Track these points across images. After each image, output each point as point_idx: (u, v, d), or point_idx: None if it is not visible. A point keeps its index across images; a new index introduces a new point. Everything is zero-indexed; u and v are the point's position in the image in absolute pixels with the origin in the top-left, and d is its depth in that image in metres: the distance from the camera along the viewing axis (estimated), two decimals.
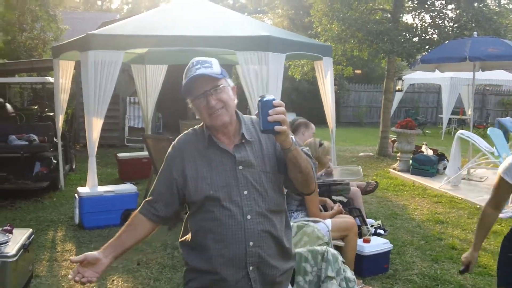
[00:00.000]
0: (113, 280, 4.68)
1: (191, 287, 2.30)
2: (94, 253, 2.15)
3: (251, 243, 2.15)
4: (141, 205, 2.34)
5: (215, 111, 2.15)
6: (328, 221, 4.41)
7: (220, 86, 2.16)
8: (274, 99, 1.99)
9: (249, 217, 2.15)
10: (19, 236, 4.31)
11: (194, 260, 2.26)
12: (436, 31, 12.38)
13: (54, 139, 8.44)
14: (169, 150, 2.34)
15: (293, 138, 2.09)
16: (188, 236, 2.31)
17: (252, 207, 2.16)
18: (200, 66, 2.15)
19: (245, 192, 2.17)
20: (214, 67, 2.17)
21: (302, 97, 20.93)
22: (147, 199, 2.34)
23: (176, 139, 2.36)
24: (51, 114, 11.25)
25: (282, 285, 2.32)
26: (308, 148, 2.35)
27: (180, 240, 2.39)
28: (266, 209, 2.19)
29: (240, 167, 2.19)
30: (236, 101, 2.26)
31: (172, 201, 2.28)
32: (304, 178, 2.17)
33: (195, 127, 2.35)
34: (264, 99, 1.99)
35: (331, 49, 8.36)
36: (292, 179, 2.20)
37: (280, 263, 2.26)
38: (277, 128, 1.96)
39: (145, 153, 8.37)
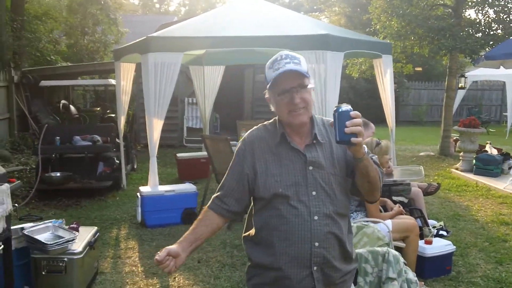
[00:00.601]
0: (174, 278, 4.76)
1: (254, 283, 2.31)
2: (174, 247, 2.17)
3: (316, 244, 2.14)
4: (211, 200, 2.34)
5: (297, 109, 2.14)
6: (388, 222, 4.34)
7: (307, 85, 2.16)
8: (351, 110, 1.97)
9: (316, 217, 2.14)
10: (85, 234, 4.46)
11: (258, 255, 2.26)
12: (501, 26, 11.94)
13: (117, 140, 8.67)
14: (239, 144, 2.34)
15: (365, 148, 2.07)
16: (252, 231, 2.32)
17: (319, 208, 2.15)
18: (290, 61, 2.13)
19: (314, 193, 2.16)
20: (302, 64, 2.15)
21: (359, 95, 20.69)
22: (217, 194, 2.34)
23: (247, 133, 2.36)
24: (113, 115, 11.54)
25: (344, 285, 2.31)
26: (376, 156, 2.34)
27: (243, 235, 2.40)
28: (333, 211, 2.18)
29: (310, 168, 2.18)
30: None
31: (243, 196, 2.28)
32: (372, 187, 2.17)
33: (265, 122, 2.35)
34: (341, 110, 1.97)
35: (391, 46, 8.22)
36: (359, 187, 2.20)
37: (342, 265, 2.25)
38: (353, 140, 1.95)
39: (203, 153, 8.48)
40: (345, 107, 1.98)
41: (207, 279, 4.73)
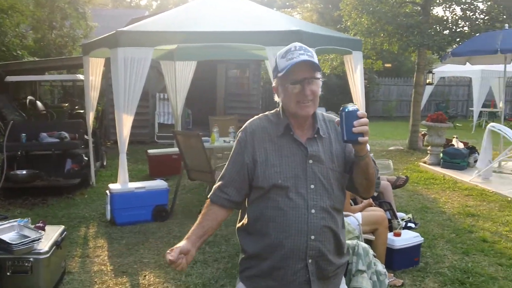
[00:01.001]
0: (145, 276, 4.72)
1: (247, 275, 2.30)
2: (184, 244, 2.15)
3: (312, 237, 2.14)
4: (212, 191, 2.32)
5: (306, 101, 2.15)
6: (358, 215, 4.40)
7: (318, 78, 2.18)
8: (357, 109, 1.99)
9: (313, 211, 2.15)
10: (52, 233, 4.37)
11: (253, 246, 2.25)
12: (467, 23, 12.18)
13: (85, 136, 8.53)
14: (240, 134, 2.31)
15: (368, 146, 2.10)
16: (247, 222, 2.30)
17: (317, 202, 2.16)
18: (304, 53, 2.14)
19: (312, 186, 2.16)
20: (315, 57, 2.17)
21: (331, 91, 20.79)
22: (218, 184, 2.32)
23: (248, 122, 2.34)
24: (82, 111, 11.38)
25: (337, 278, 2.33)
26: (372, 154, 2.35)
27: (237, 226, 2.38)
28: (330, 206, 2.19)
29: (310, 161, 2.18)
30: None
31: (243, 186, 2.27)
32: (369, 184, 2.20)
33: (267, 113, 2.34)
34: (348, 109, 1.99)
35: (361, 43, 8.28)
36: (357, 184, 2.23)
37: (336, 259, 2.27)
38: (361, 139, 1.98)
39: (175, 149, 8.43)
40: (352, 106, 2.00)
41: (178, 276, 4.69)
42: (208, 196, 2.33)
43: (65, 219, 6.45)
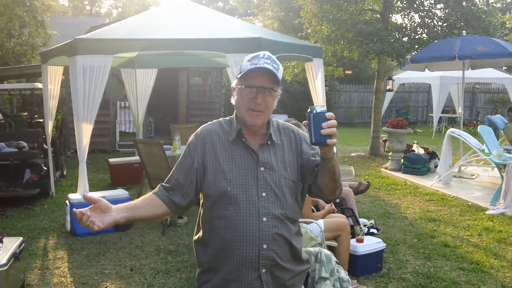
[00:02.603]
0: (106, 287, 4.64)
1: None
2: (107, 202, 2.04)
3: (264, 246, 2.12)
4: (157, 187, 2.26)
5: (256, 110, 2.13)
6: (321, 222, 4.40)
7: (275, 91, 2.16)
8: (326, 111, 1.96)
9: (265, 219, 2.12)
10: (10, 245, 4.24)
11: (206, 259, 2.23)
12: (426, 30, 12.43)
13: (44, 146, 8.38)
14: (191, 138, 2.28)
15: (335, 148, 2.08)
16: (200, 233, 2.27)
17: (269, 210, 2.13)
18: (270, 63, 2.13)
19: (264, 194, 2.14)
20: (279, 71, 2.16)
21: (293, 98, 20.97)
22: (163, 184, 2.27)
23: (200, 127, 2.31)
24: (41, 120, 11.16)
25: (295, 287, 2.29)
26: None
27: (194, 238, 2.34)
28: (282, 214, 2.16)
29: (262, 168, 2.16)
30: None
31: (189, 191, 2.22)
32: (336, 185, 2.17)
33: (220, 119, 2.32)
34: (316, 111, 1.96)
35: (321, 50, 8.36)
36: (323, 187, 2.18)
37: (292, 266, 2.24)
38: (329, 141, 1.95)
39: (136, 158, 8.34)
40: (320, 108, 1.97)
41: (140, 287, 4.62)
42: (153, 192, 2.26)
43: (24, 230, 6.31)
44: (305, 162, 2.24)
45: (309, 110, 1.99)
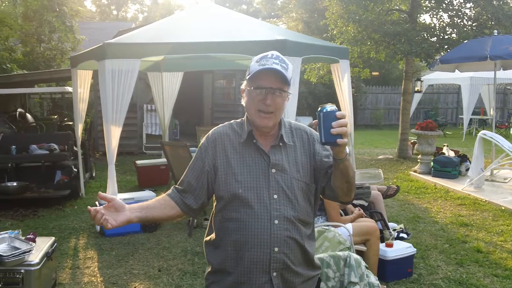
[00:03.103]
0: (134, 287, 4.67)
1: None
2: (121, 201, 2.08)
3: (276, 249, 2.09)
4: (171, 189, 2.28)
5: (265, 111, 2.12)
6: (349, 226, 4.36)
7: (284, 91, 2.14)
8: (336, 110, 1.92)
9: (276, 222, 2.10)
10: (42, 245, 4.33)
11: (217, 260, 2.21)
12: (455, 30, 12.22)
13: (74, 148, 8.50)
14: (203, 140, 2.29)
15: (347, 149, 2.04)
16: (213, 235, 2.26)
17: (280, 212, 2.11)
18: (278, 63, 2.10)
19: (275, 196, 2.12)
20: (289, 71, 2.13)
21: (318, 100, 20.86)
22: (177, 186, 2.28)
23: (211, 130, 2.31)
24: (71, 123, 11.34)
25: None
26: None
27: (205, 239, 2.34)
28: (294, 217, 2.13)
29: (273, 170, 2.14)
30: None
31: (201, 194, 2.22)
32: (350, 187, 2.13)
33: (232, 121, 2.31)
34: (327, 110, 1.92)
35: (347, 51, 8.29)
36: (337, 188, 2.14)
37: (304, 270, 2.21)
38: (339, 141, 1.89)
39: (163, 160, 8.40)
40: (330, 107, 1.93)
41: (168, 287, 4.66)
42: (166, 194, 2.27)
43: (56, 231, 6.42)
44: (318, 164, 2.21)
45: (319, 109, 1.96)
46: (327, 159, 2.21)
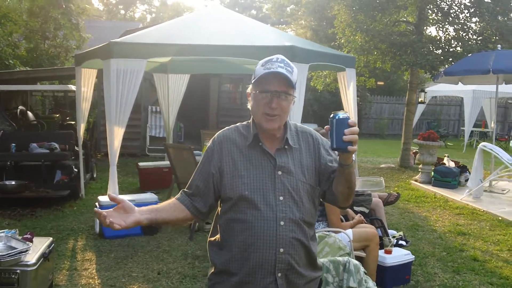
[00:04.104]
0: None
1: None
2: (131, 203, 2.10)
3: (281, 250, 2.11)
4: (179, 193, 2.29)
5: (272, 114, 2.13)
6: (349, 231, 4.37)
7: (290, 94, 2.15)
8: (348, 117, 1.96)
9: (282, 223, 2.11)
10: (39, 245, 4.29)
11: (221, 261, 2.22)
12: (460, 43, 12.24)
13: (75, 148, 8.45)
14: (209, 144, 2.30)
15: (353, 156, 2.07)
16: (218, 236, 2.27)
17: (286, 214, 2.13)
18: (283, 66, 2.12)
19: (281, 198, 2.14)
20: (294, 74, 2.15)
21: (323, 108, 20.88)
22: (185, 190, 2.29)
23: (218, 133, 2.33)
24: (73, 122, 11.30)
25: None
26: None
27: (209, 239, 2.35)
28: (299, 218, 2.16)
29: (279, 172, 2.16)
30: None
31: (209, 197, 2.24)
32: (351, 192, 2.18)
33: (238, 124, 2.32)
34: (340, 117, 1.96)
35: (354, 60, 8.31)
36: (338, 193, 2.18)
37: (308, 271, 2.23)
38: (350, 148, 1.96)
39: (166, 162, 8.38)
40: (343, 114, 1.97)
41: None
42: (175, 197, 2.28)
43: (54, 231, 6.37)
44: (323, 167, 2.24)
45: (332, 115, 1.99)
46: (331, 164, 2.24)
